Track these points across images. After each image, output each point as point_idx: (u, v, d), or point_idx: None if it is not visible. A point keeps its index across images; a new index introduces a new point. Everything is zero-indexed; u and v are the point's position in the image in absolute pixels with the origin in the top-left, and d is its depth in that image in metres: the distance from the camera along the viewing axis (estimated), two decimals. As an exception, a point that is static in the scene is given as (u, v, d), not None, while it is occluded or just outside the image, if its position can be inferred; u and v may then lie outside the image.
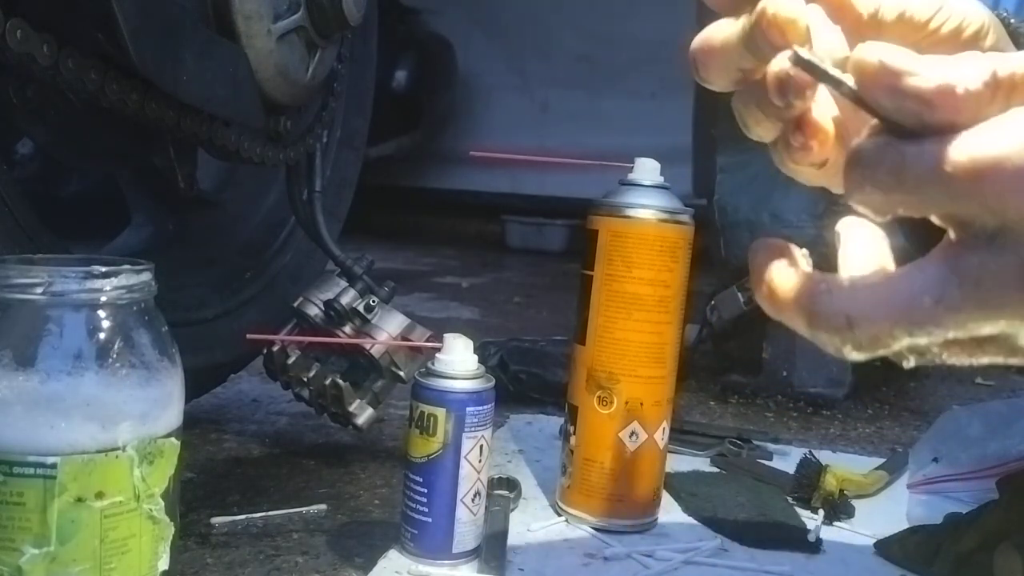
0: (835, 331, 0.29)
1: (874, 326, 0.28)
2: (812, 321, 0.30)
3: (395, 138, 3.38)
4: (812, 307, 0.29)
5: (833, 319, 0.29)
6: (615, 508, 0.77)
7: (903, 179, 0.27)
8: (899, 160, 0.27)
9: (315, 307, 0.87)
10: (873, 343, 0.29)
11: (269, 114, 0.85)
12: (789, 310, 0.30)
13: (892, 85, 0.27)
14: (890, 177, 0.27)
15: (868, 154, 0.28)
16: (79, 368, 0.46)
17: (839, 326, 0.29)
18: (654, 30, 3.28)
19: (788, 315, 0.31)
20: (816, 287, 0.30)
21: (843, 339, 0.29)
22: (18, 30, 0.58)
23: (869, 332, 0.28)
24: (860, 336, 0.29)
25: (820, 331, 0.29)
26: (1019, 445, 0.81)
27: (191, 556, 0.67)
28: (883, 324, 0.28)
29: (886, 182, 0.28)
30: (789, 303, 0.30)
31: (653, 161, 0.77)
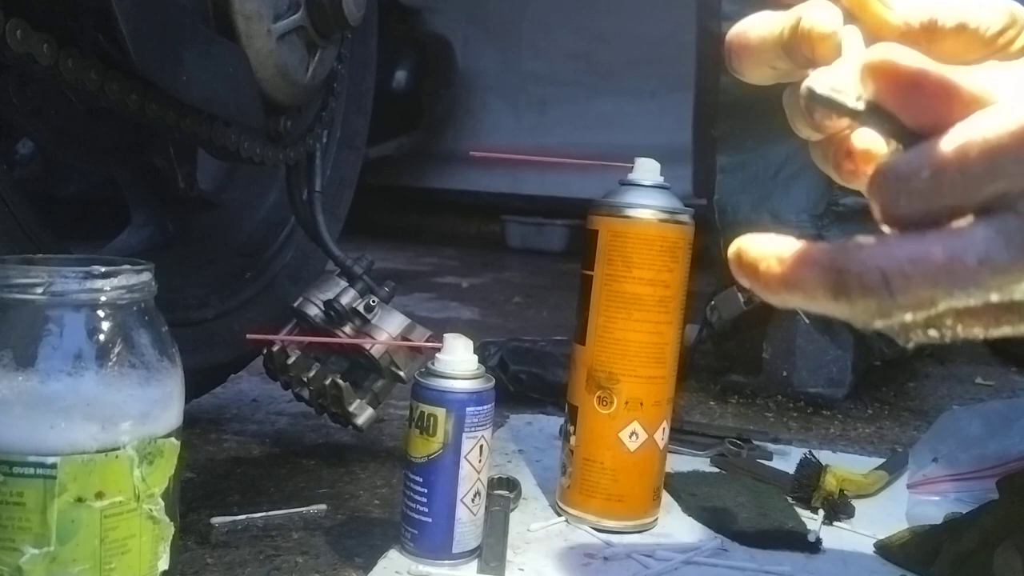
0: (869, 292, 0.27)
1: (913, 284, 0.26)
2: (841, 282, 0.27)
3: (395, 138, 3.38)
4: (843, 266, 0.27)
5: (867, 277, 0.27)
6: (615, 508, 0.77)
7: (943, 174, 0.26)
8: (937, 157, 0.26)
9: (315, 307, 0.87)
10: (908, 305, 0.27)
11: (269, 114, 0.85)
12: (811, 278, 0.28)
13: (911, 80, 0.27)
14: (930, 180, 0.27)
15: (901, 165, 0.27)
16: (79, 368, 0.46)
17: (874, 285, 0.27)
18: (654, 28, 3.29)
19: (808, 279, 0.28)
20: (845, 245, 0.28)
21: (878, 302, 0.27)
22: (18, 30, 0.58)
23: (907, 291, 0.26)
24: (897, 296, 0.26)
25: (851, 294, 0.27)
26: (1019, 445, 0.81)
27: (191, 556, 0.67)
28: (923, 282, 0.26)
29: (926, 186, 0.27)
30: (810, 264, 0.28)
31: (653, 161, 0.77)
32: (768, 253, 0.29)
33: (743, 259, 0.30)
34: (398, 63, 3.33)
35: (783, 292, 0.29)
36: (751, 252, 0.30)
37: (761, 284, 0.30)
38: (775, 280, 0.29)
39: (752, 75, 0.33)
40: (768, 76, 0.33)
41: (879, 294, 0.27)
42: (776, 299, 0.30)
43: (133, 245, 0.97)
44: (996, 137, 0.26)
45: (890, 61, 0.28)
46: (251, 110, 0.80)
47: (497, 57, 3.70)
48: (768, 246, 0.30)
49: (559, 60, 3.62)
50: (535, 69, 3.68)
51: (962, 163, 0.26)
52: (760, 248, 0.30)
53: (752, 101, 1.29)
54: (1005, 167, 0.26)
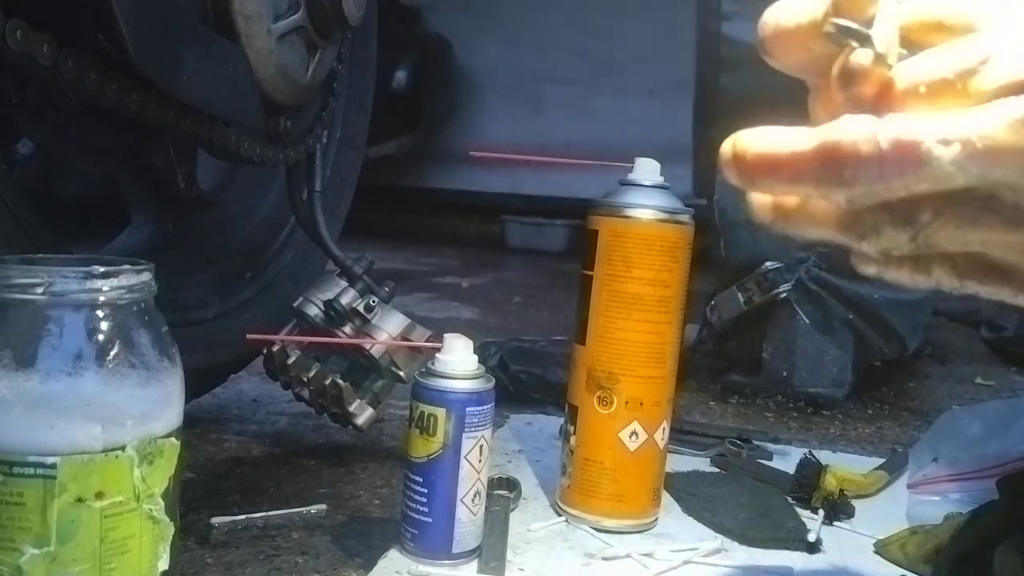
0: (860, 157, 0.28)
1: (904, 147, 0.28)
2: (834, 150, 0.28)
3: (395, 138, 3.38)
4: (836, 132, 0.28)
5: (863, 144, 0.28)
6: (615, 508, 0.77)
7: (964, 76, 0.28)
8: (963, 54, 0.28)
9: (315, 307, 0.87)
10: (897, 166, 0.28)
11: (269, 114, 0.85)
12: (799, 154, 0.29)
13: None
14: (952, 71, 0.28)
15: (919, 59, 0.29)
16: (79, 368, 0.46)
17: (867, 149, 0.28)
18: (653, 27, 3.29)
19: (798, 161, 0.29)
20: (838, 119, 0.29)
21: (867, 169, 0.28)
22: (18, 30, 0.58)
23: (897, 149, 0.28)
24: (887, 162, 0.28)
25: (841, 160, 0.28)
26: (1019, 445, 0.81)
27: (191, 556, 0.67)
28: (912, 145, 0.28)
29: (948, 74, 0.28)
30: (801, 143, 0.29)
31: (653, 161, 0.77)
32: (758, 138, 0.30)
33: (735, 148, 0.31)
34: (398, 63, 3.33)
35: (769, 176, 0.30)
36: (743, 141, 0.31)
37: (749, 170, 0.30)
38: (764, 163, 0.30)
39: (784, 59, 0.33)
40: (801, 61, 0.33)
41: (869, 157, 0.28)
42: (761, 187, 0.31)
43: (133, 245, 0.97)
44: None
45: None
46: (251, 110, 0.80)
47: (497, 56, 3.70)
48: (758, 133, 0.30)
49: (559, 58, 3.61)
50: (535, 68, 3.67)
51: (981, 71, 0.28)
52: (753, 136, 0.30)
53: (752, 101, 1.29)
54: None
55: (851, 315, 1.29)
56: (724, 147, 0.31)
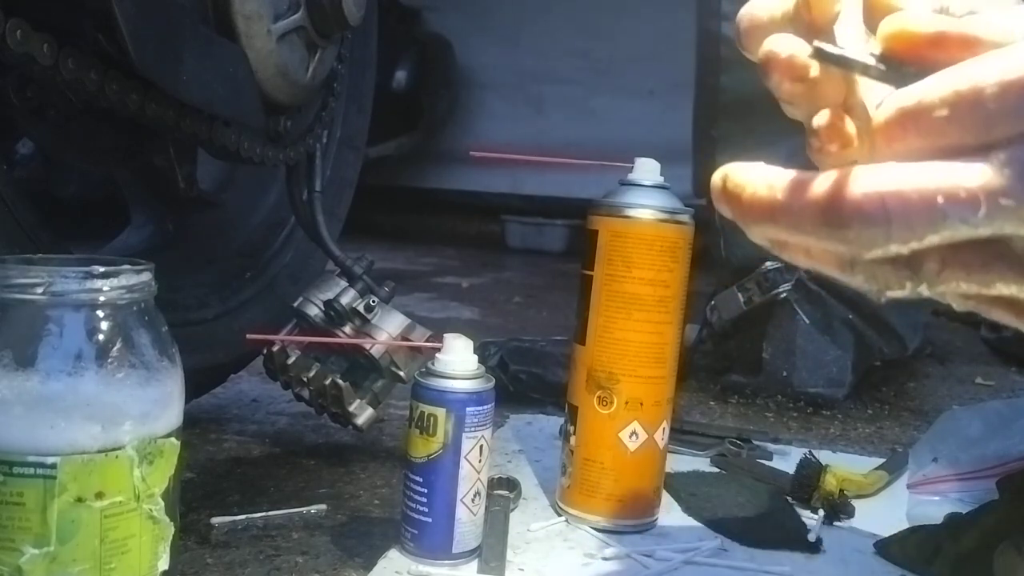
0: (864, 217, 0.26)
1: (911, 206, 0.26)
2: (836, 207, 0.27)
3: (395, 138, 3.38)
4: (839, 190, 0.27)
5: (865, 200, 0.26)
6: (615, 508, 0.77)
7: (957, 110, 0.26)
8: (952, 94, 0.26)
9: (315, 307, 0.87)
10: (904, 234, 0.26)
11: (269, 114, 0.85)
12: (800, 204, 0.28)
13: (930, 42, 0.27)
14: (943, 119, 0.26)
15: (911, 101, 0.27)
16: (79, 368, 0.46)
17: (872, 210, 0.26)
18: (653, 26, 3.29)
19: (798, 211, 0.28)
20: (842, 171, 0.27)
21: (873, 230, 0.26)
22: (18, 30, 0.58)
23: (904, 214, 0.26)
24: (894, 221, 0.26)
25: (844, 218, 0.27)
26: (1019, 445, 0.81)
27: (191, 556, 0.67)
28: (921, 205, 0.26)
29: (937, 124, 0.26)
30: (802, 193, 0.27)
31: (653, 161, 0.77)
32: (756, 179, 0.29)
33: (727, 184, 0.29)
34: (398, 63, 3.33)
35: (767, 222, 0.29)
36: (736, 178, 0.29)
37: (744, 211, 0.29)
38: (760, 207, 0.29)
39: (758, 51, 0.32)
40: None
41: (876, 222, 0.26)
42: (756, 230, 0.29)
43: (133, 245, 0.97)
44: (1016, 74, 0.25)
45: (904, 30, 0.27)
46: (251, 110, 0.80)
47: (497, 56, 3.70)
48: (755, 171, 0.29)
49: (559, 58, 3.61)
50: (535, 68, 3.67)
51: (977, 100, 0.26)
52: (748, 174, 0.29)
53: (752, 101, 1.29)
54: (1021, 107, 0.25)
55: (851, 315, 1.30)
56: (715, 180, 0.30)
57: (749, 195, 0.29)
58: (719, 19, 1.27)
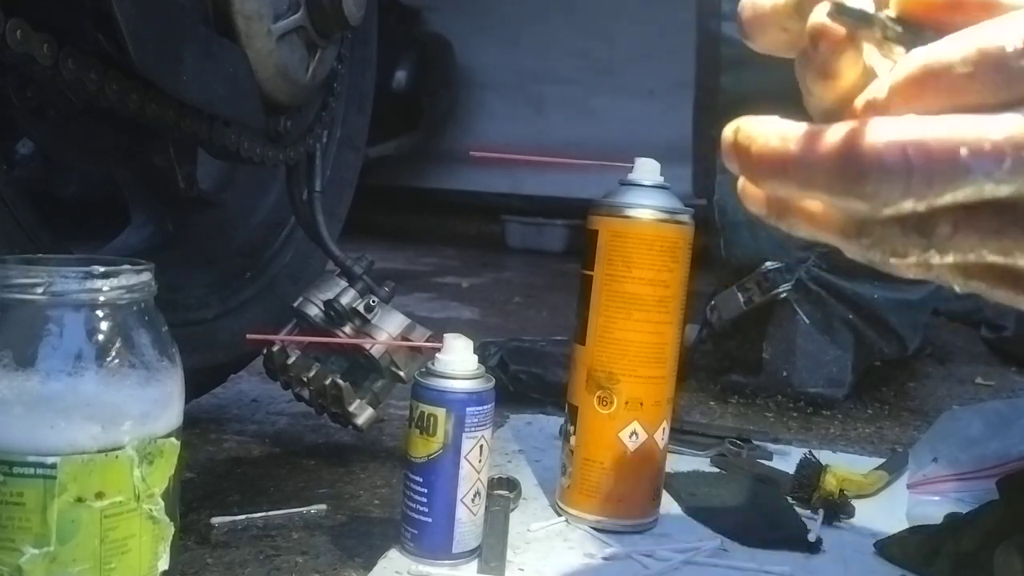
0: (885, 170, 0.25)
1: (934, 158, 0.25)
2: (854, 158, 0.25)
3: (395, 138, 3.38)
4: (858, 137, 0.25)
5: (887, 151, 0.25)
6: (615, 508, 0.77)
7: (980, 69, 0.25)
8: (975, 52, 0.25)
9: (315, 307, 0.87)
10: (923, 188, 0.25)
11: (269, 114, 0.85)
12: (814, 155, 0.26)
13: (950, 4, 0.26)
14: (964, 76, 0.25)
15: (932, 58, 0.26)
16: (79, 368, 0.46)
17: (893, 161, 0.25)
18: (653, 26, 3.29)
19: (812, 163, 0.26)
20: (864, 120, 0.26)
21: (892, 182, 0.25)
22: (18, 30, 0.58)
23: (927, 166, 0.25)
24: (915, 172, 0.25)
25: (864, 168, 0.25)
26: (1019, 445, 0.81)
27: (191, 556, 0.67)
28: (944, 156, 0.25)
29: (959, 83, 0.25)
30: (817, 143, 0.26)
31: (653, 161, 0.77)
32: (769, 131, 0.27)
33: (738, 136, 0.28)
34: (398, 63, 3.33)
35: (776, 176, 0.27)
36: (748, 129, 0.28)
37: (752, 164, 0.28)
38: (770, 159, 0.27)
39: (763, 40, 0.31)
40: (779, 41, 0.31)
41: (896, 173, 0.25)
42: (766, 185, 0.28)
43: (133, 245, 0.97)
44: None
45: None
46: (251, 110, 0.80)
47: (497, 56, 3.70)
48: (766, 122, 0.27)
49: (559, 59, 3.61)
50: (535, 68, 3.67)
51: (1001, 57, 0.25)
52: (761, 126, 0.27)
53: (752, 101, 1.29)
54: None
55: (851, 315, 1.30)
56: (726, 133, 0.28)
57: (760, 146, 0.27)
58: (719, 19, 1.27)
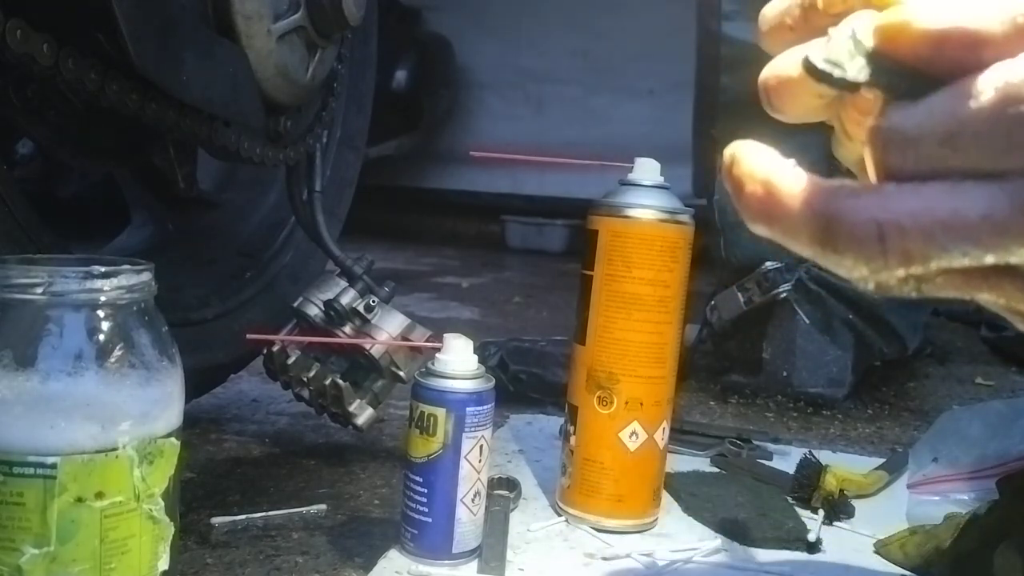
0: (859, 244, 0.25)
1: (908, 239, 0.24)
2: (830, 231, 0.25)
3: (395, 138, 3.38)
4: (834, 213, 0.25)
5: (860, 229, 0.25)
6: (615, 508, 0.77)
7: (957, 141, 0.24)
8: (952, 122, 0.24)
9: (315, 307, 0.87)
10: (900, 263, 0.25)
11: (269, 114, 0.85)
12: (795, 217, 0.26)
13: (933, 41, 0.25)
14: (941, 146, 0.24)
15: (909, 126, 0.25)
16: (79, 368, 0.46)
17: (866, 238, 0.25)
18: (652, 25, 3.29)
19: (793, 224, 0.26)
20: (838, 189, 0.25)
21: (868, 256, 0.25)
22: (18, 30, 0.58)
23: (901, 247, 0.24)
24: (889, 253, 0.24)
25: (839, 245, 0.25)
26: (1019, 445, 0.81)
27: (191, 556, 0.67)
28: (919, 237, 0.24)
29: (937, 152, 0.24)
30: (798, 207, 0.26)
31: (653, 161, 0.77)
32: (758, 174, 0.27)
33: (733, 171, 0.28)
34: (398, 63, 3.33)
35: (763, 223, 0.27)
36: (743, 165, 0.27)
37: (743, 206, 0.28)
38: (757, 207, 0.27)
39: (794, 111, 0.30)
40: (812, 107, 0.30)
41: (870, 248, 0.25)
42: (755, 228, 0.28)
43: (133, 245, 0.97)
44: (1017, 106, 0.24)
45: (903, 24, 0.26)
46: (251, 110, 0.80)
47: (497, 56, 3.70)
48: (760, 166, 0.27)
49: (558, 58, 3.62)
50: (534, 67, 3.68)
51: (978, 131, 0.24)
52: (752, 165, 0.27)
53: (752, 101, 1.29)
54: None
55: (851, 315, 1.30)
56: (724, 158, 0.28)
57: (749, 191, 0.27)
58: (719, 18, 1.27)
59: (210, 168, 1.02)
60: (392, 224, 3.51)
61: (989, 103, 0.24)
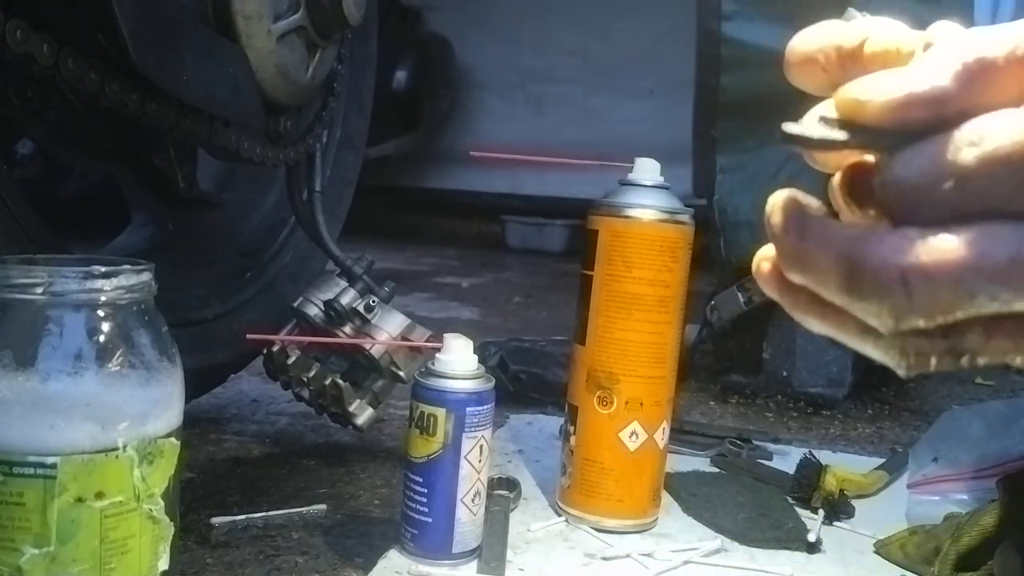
0: (883, 291, 0.24)
1: (934, 285, 0.23)
2: (855, 277, 0.24)
3: (395, 138, 3.38)
4: (858, 258, 0.24)
5: (884, 274, 0.24)
6: (615, 508, 0.77)
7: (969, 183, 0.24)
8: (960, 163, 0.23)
9: (315, 307, 0.87)
10: (927, 309, 0.24)
11: (269, 114, 0.85)
12: (822, 264, 0.25)
13: (895, 101, 0.25)
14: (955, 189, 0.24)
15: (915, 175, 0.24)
16: (79, 368, 0.46)
17: (890, 283, 0.24)
18: (652, 26, 3.29)
19: (822, 270, 0.25)
20: (863, 234, 0.25)
21: (892, 303, 0.24)
22: (18, 30, 0.58)
23: (927, 293, 0.23)
24: (915, 298, 0.24)
25: (864, 291, 0.24)
26: (1019, 445, 0.81)
27: (191, 556, 0.67)
28: (945, 282, 0.23)
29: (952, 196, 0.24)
30: (824, 253, 0.25)
31: (653, 161, 0.77)
32: (791, 222, 0.27)
33: (771, 219, 0.27)
34: (398, 63, 3.33)
35: (798, 270, 0.27)
36: (779, 215, 0.27)
37: (778, 251, 0.27)
38: (792, 255, 0.26)
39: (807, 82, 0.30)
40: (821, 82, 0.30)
41: (895, 294, 0.24)
42: (792, 274, 0.27)
43: (133, 245, 0.97)
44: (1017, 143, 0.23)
45: (858, 103, 0.25)
46: (251, 110, 0.80)
47: (496, 56, 3.70)
48: (793, 214, 0.27)
49: (558, 58, 3.62)
50: (534, 67, 3.68)
51: (990, 173, 0.24)
52: (786, 215, 0.27)
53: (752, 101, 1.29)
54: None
55: (851, 315, 1.29)
56: (768, 205, 0.28)
57: (784, 242, 0.27)
58: (719, 19, 1.27)
59: (210, 168, 1.02)
60: (392, 224, 3.51)
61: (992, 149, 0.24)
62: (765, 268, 0.29)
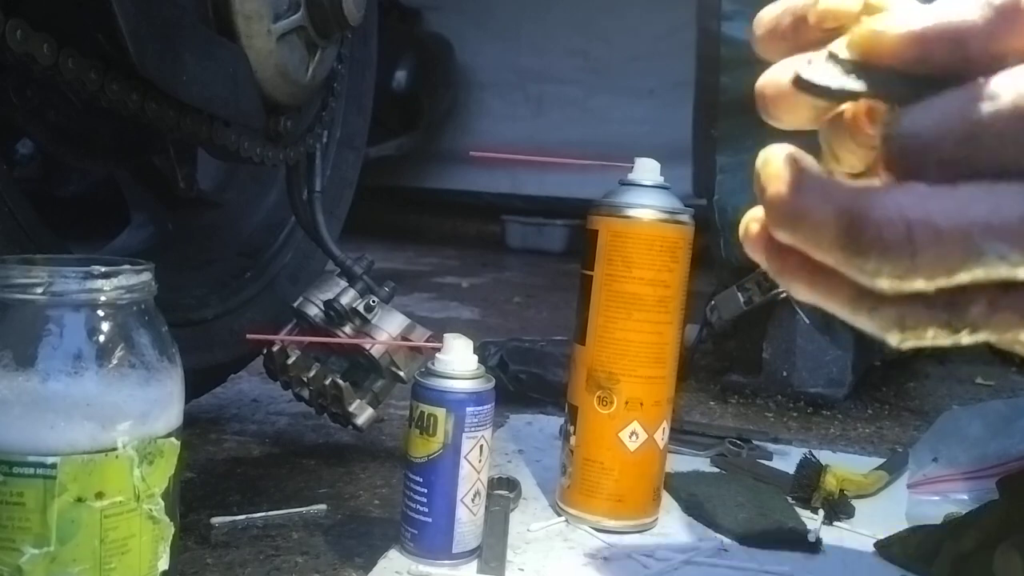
0: (886, 246, 0.22)
1: (942, 240, 0.22)
2: (854, 229, 0.23)
3: (395, 138, 3.38)
4: (860, 210, 0.23)
5: (888, 228, 0.22)
6: (615, 508, 0.77)
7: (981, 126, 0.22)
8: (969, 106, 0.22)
9: (315, 307, 0.87)
10: (931, 268, 0.22)
11: (269, 114, 0.85)
12: (817, 216, 0.24)
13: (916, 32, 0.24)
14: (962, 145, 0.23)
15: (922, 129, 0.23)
16: (79, 368, 0.46)
17: (894, 238, 0.22)
18: (652, 25, 3.29)
19: (814, 224, 0.24)
20: (866, 186, 0.23)
21: (894, 260, 0.22)
22: (18, 30, 0.58)
23: (933, 250, 0.22)
24: (920, 255, 0.22)
25: (862, 244, 0.23)
26: (1019, 445, 0.81)
27: (191, 556, 0.67)
28: (953, 238, 0.22)
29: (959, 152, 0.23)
30: (820, 205, 0.24)
31: (653, 161, 0.77)
32: (783, 175, 0.25)
33: (760, 174, 0.26)
34: (398, 63, 3.33)
35: (787, 226, 0.25)
36: (769, 167, 0.26)
37: (767, 210, 0.26)
38: (780, 208, 0.25)
39: (791, 118, 0.29)
40: (809, 117, 0.29)
41: (898, 248, 0.22)
42: (781, 231, 0.25)
43: (133, 245, 0.97)
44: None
45: (876, 33, 0.24)
46: (251, 110, 0.80)
47: (496, 56, 3.71)
48: (786, 167, 0.25)
49: (558, 58, 3.62)
50: (534, 67, 3.68)
51: (1002, 131, 0.23)
52: (778, 167, 0.25)
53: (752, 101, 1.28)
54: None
55: (851, 315, 1.29)
56: (758, 161, 0.27)
57: (773, 191, 0.25)
58: (719, 19, 1.27)
59: (210, 168, 1.02)
60: (392, 224, 3.51)
61: (1010, 103, 0.23)
62: (754, 229, 0.28)
